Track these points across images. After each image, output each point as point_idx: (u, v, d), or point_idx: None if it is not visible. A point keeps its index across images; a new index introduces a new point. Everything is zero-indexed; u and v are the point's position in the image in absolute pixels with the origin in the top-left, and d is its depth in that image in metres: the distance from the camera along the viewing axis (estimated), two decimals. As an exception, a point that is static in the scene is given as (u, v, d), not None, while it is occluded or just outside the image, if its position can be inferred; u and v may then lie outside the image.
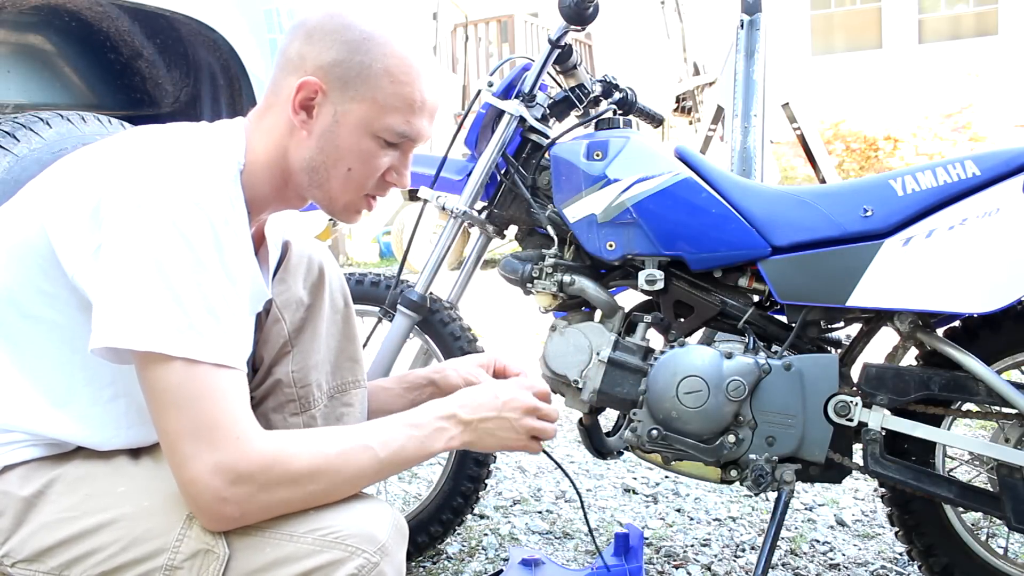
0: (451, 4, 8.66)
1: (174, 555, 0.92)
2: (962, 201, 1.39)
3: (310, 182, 1.07)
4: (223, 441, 0.89)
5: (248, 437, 0.90)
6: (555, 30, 1.68)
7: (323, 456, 0.94)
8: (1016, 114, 9.14)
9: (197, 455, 0.88)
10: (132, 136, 1.01)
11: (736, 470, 1.51)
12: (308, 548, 0.93)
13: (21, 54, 2.05)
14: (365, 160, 1.06)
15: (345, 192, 1.08)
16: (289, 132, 1.06)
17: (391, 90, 1.04)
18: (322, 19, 1.05)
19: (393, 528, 0.98)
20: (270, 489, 0.91)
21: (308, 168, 1.06)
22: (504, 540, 2.01)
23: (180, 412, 0.89)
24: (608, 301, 1.59)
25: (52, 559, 0.93)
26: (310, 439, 0.96)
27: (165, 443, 0.90)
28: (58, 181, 0.98)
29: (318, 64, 1.03)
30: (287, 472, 0.91)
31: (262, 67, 2.19)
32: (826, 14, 12.77)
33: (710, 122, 4.14)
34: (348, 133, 1.05)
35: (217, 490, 0.89)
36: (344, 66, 1.03)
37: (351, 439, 0.98)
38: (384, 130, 1.05)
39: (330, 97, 1.04)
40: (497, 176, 1.71)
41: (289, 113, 1.04)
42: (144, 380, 0.90)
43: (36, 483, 0.95)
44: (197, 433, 0.88)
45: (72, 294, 0.94)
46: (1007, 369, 1.51)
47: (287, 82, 1.05)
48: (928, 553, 1.56)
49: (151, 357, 0.89)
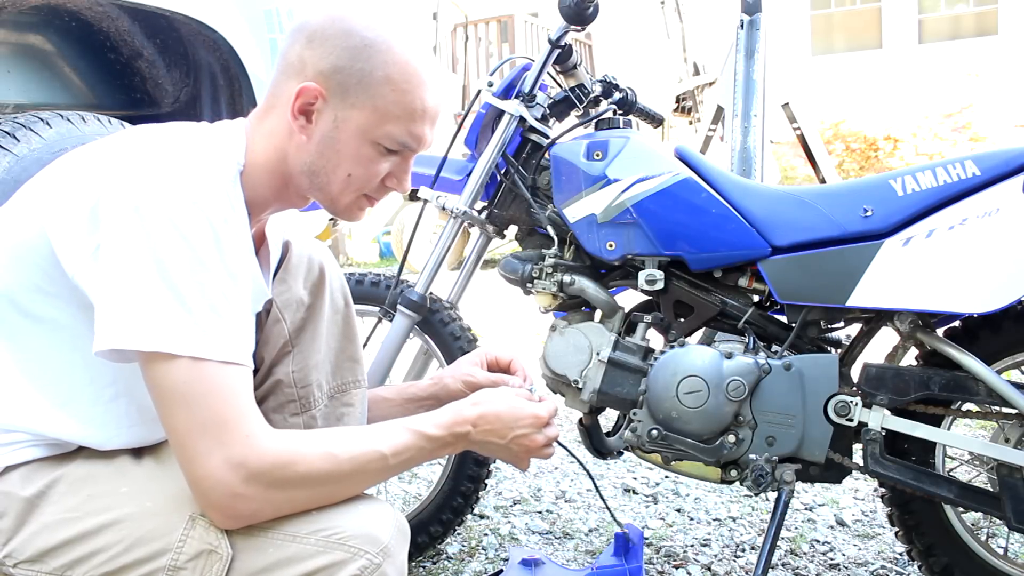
0: (451, 4, 8.66)
1: (177, 555, 0.92)
2: (962, 201, 1.39)
3: (311, 185, 1.08)
4: (233, 438, 0.89)
5: (258, 435, 0.91)
6: (555, 30, 1.68)
7: (334, 459, 0.95)
8: (1016, 114, 9.14)
9: (208, 452, 0.89)
10: (130, 136, 1.01)
11: (736, 470, 1.51)
12: (311, 549, 0.93)
13: (21, 54, 2.05)
14: (365, 166, 1.07)
15: (345, 194, 1.09)
16: (289, 136, 1.05)
17: (392, 98, 1.03)
18: (323, 23, 1.04)
19: (395, 529, 0.99)
20: (280, 488, 0.92)
21: (308, 172, 1.06)
22: (504, 540, 2.01)
23: (189, 410, 0.89)
24: (608, 301, 1.59)
25: (54, 560, 0.93)
26: (321, 441, 0.97)
27: (174, 441, 0.91)
28: (57, 181, 0.98)
29: (319, 70, 1.02)
30: (297, 473, 0.92)
31: (262, 67, 2.19)
32: (826, 14, 12.77)
33: (710, 122, 4.14)
34: (348, 139, 1.05)
35: (229, 486, 0.89)
36: (345, 73, 1.02)
37: (364, 443, 0.99)
38: (384, 137, 1.05)
39: (330, 103, 1.03)
40: (497, 176, 1.71)
41: (289, 117, 1.04)
42: (150, 380, 0.90)
43: (38, 484, 0.95)
44: (206, 430, 0.89)
45: (72, 294, 0.94)
46: (1007, 369, 1.51)
47: (287, 86, 1.04)
48: (928, 553, 1.56)
49: (157, 357, 0.89)
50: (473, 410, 1.11)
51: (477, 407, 1.11)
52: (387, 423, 1.04)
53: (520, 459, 1.17)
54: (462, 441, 1.10)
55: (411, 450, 1.03)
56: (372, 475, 0.99)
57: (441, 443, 1.07)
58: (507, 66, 1.88)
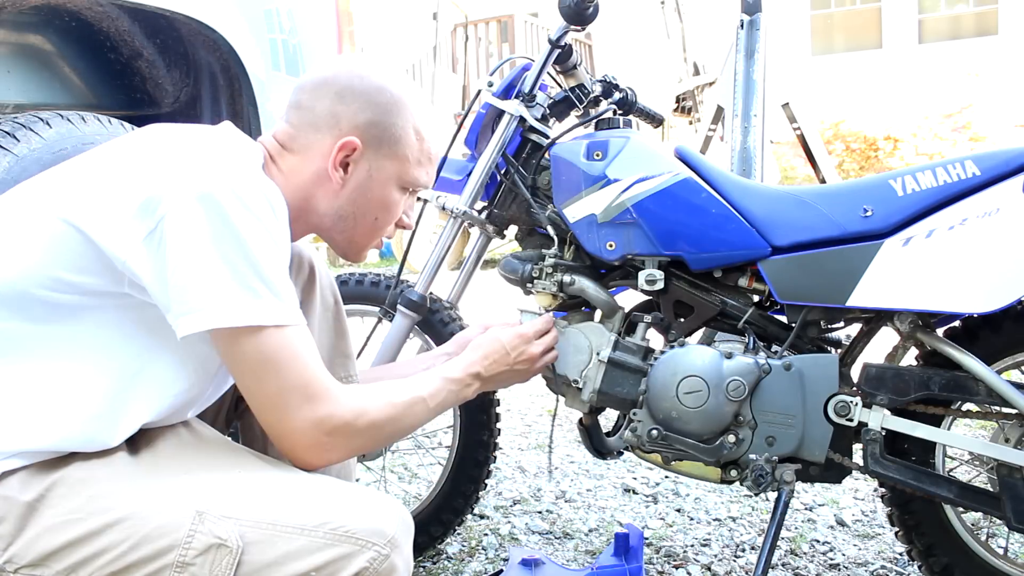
0: (451, 4, 8.66)
1: (185, 551, 0.92)
2: (962, 201, 1.39)
3: (333, 226, 1.18)
4: (317, 394, 1.01)
5: (334, 391, 1.03)
6: (555, 30, 1.68)
7: (393, 407, 1.12)
8: (1016, 114, 9.14)
9: (297, 408, 1.01)
10: (162, 135, 1.05)
11: (736, 470, 1.51)
12: (320, 542, 0.94)
13: (21, 54, 2.04)
14: (390, 209, 1.20)
15: (367, 237, 1.22)
16: (316, 182, 1.14)
17: (418, 147, 1.18)
18: (351, 79, 1.14)
19: (400, 521, 1.01)
20: (354, 435, 1.06)
21: (336, 216, 1.17)
22: (504, 540, 2.01)
23: (279, 374, 0.99)
24: (608, 301, 1.58)
25: (58, 563, 0.93)
26: (380, 393, 1.12)
27: (262, 404, 1.01)
28: (81, 181, 1.00)
29: (354, 124, 1.13)
30: (367, 421, 1.07)
31: (262, 67, 2.18)
32: (826, 14, 12.77)
33: (710, 122, 4.14)
34: (379, 187, 1.17)
35: (315, 438, 1.02)
36: (380, 127, 1.14)
37: (409, 392, 1.17)
38: (411, 182, 1.19)
39: (366, 155, 1.14)
40: (497, 176, 1.71)
41: (321, 167, 1.13)
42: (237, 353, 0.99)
43: (37, 487, 0.95)
44: (295, 390, 1.00)
45: (109, 279, 0.97)
46: (1007, 369, 1.51)
47: (317, 138, 1.13)
48: (928, 553, 1.56)
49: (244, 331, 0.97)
50: (476, 352, 1.34)
51: (478, 349, 1.35)
52: (419, 374, 1.24)
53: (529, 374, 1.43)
54: (478, 380, 1.32)
55: (442, 392, 1.23)
56: (418, 417, 1.18)
57: (463, 384, 1.28)
58: (507, 66, 1.88)
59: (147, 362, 1.03)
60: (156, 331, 1.00)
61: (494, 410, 1.83)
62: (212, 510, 0.94)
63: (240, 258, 0.95)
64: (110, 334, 1.00)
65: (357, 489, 1.04)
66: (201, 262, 0.94)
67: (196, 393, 1.11)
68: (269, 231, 0.99)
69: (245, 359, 0.99)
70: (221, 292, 0.94)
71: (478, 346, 1.35)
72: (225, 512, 0.94)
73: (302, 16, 2.38)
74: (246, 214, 0.96)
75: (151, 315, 0.99)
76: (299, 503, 0.97)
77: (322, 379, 1.02)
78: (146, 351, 1.02)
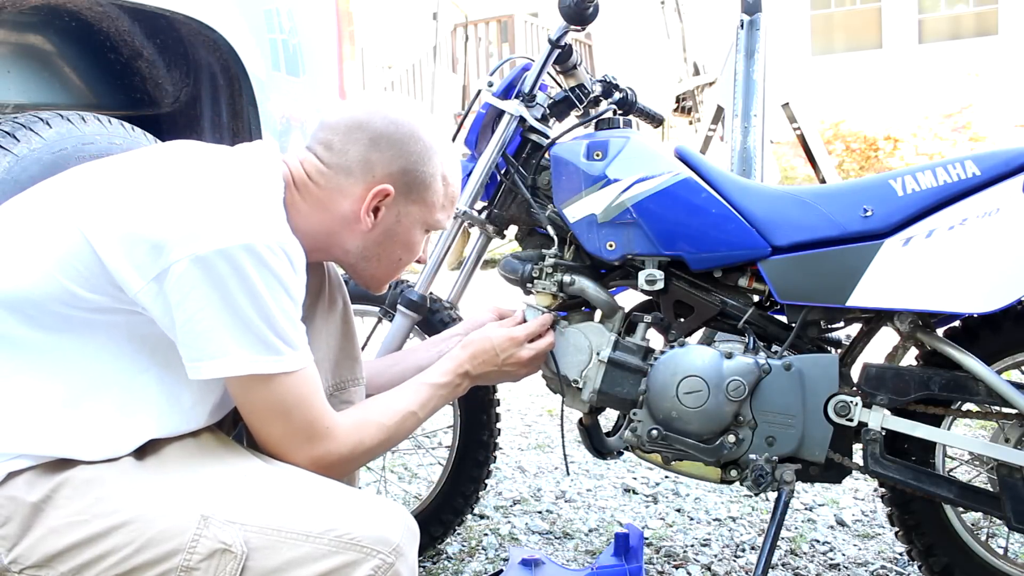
0: (451, 4, 8.66)
1: (190, 556, 0.92)
2: (962, 201, 1.39)
3: (357, 264, 1.22)
4: (318, 436, 1.07)
5: (334, 431, 1.09)
6: (555, 30, 1.68)
7: (385, 430, 1.18)
8: (1016, 114, 9.13)
9: (298, 449, 1.07)
10: (184, 164, 1.05)
11: (736, 470, 1.51)
12: (325, 549, 0.94)
13: (21, 54, 2.04)
14: (412, 249, 1.25)
15: (389, 275, 1.27)
16: (344, 223, 1.17)
17: (443, 192, 1.22)
18: (387, 127, 1.15)
19: (405, 529, 1.00)
20: (353, 463, 1.14)
21: (361, 256, 1.21)
22: (504, 540, 2.01)
23: (286, 419, 1.04)
24: (608, 301, 1.58)
25: (62, 564, 0.93)
26: (371, 416, 1.18)
27: (267, 443, 1.07)
28: (104, 195, 1.00)
29: (388, 172, 1.15)
30: (363, 447, 1.14)
31: (262, 67, 2.18)
32: (826, 14, 12.77)
33: (710, 122, 4.14)
34: (406, 230, 1.21)
35: (315, 471, 1.07)
36: (412, 175, 1.17)
37: (401, 408, 1.22)
38: (434, 225, 1.24)
39: (396, 200, 1.17)
40: (497, 176, 1.71)
41: (350, 209, 1.15)
42: (247, 398, 1.03)
43: (43, 488, 0.95)
44: (298, 432, 1.06)
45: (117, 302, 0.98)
46: (1007, 369, 1.51)
47: (349, 182, 1.15)
48: (928, 553, 1.56)
49: (255, 378, 1.00)
50: (464, 352, 1.37)
51: (467, 348, 1.37)
52: (407, 384, 1.28)
53: (518, 375, 1.46)
54: (467, 379, 1.36)
55: (432, 400, 1.28)
56: (411, 429, 1.24)
57: (451, 386, 1.33)
58: (507, 66, 1.88)
59: (155, 375, 1.03)
60: (165, 346, 1.01)
61: (494, 410, 1.83)
62: (217, 515, 0.94)
63: (254, 313, 0.97)
64: (119, 346, 1.00)
65: (363, 496, 1.04)
66: (216, 316, 0.96)
67: (202, 411, 1.10)
68: (285, 286, 1.01)
69: (254, 404, 1.04)
70: (235, 345, 0.97)
71: (468, 344, 1.38)
72: (230, 517, 0.94)
73: (302, 16, 2.38)
74: (263, 271, 0.98)
75: (160, 331, 1.00)
76: (304, 509, 0.97)
77: (324, 419, 1.08)
78: (155, 366, 1.03)
